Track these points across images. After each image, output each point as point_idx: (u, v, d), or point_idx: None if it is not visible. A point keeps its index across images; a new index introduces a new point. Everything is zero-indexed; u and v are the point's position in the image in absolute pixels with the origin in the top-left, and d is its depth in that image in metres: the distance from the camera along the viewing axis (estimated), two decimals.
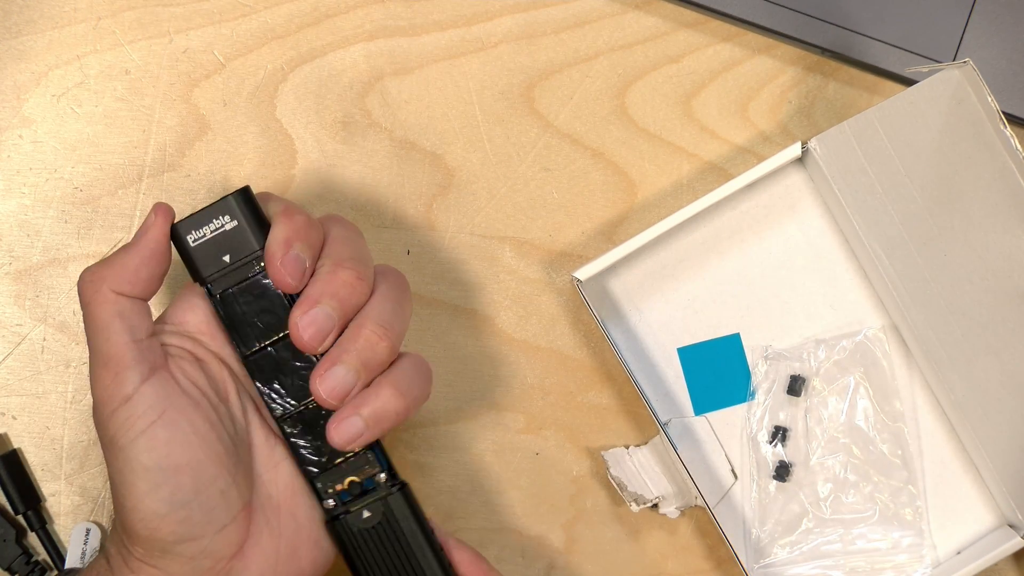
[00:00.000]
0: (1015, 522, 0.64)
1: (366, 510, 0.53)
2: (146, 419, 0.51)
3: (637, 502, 0.63)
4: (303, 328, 0.51)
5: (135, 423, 0.51)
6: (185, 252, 0.53)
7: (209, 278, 0.53)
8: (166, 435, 0.51)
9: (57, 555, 0.62)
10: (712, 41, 0.67)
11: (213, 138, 0.65)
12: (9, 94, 0.64)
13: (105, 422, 0.51)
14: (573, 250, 0.66)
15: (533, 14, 0.66)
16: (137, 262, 0.52)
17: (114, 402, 0.51)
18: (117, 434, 0.51)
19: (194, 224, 0.53)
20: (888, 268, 0.64)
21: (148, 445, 0.50)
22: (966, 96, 0.60)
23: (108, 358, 0.51)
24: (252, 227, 0.53)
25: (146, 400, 0.51)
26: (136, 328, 0.52)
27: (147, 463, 0.50)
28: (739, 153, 0.67)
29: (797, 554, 0.65)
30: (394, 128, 0.65)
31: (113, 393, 0.51)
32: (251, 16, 0.65)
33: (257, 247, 0.53)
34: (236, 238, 0.52)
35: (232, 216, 0.52)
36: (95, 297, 0.52)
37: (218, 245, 0.52)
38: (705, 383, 0.65)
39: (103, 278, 0.52)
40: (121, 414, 0.51)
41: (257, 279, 0.52)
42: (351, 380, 0.51)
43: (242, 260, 0.53)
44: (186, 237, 0.53)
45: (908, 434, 0.65)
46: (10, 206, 0.64)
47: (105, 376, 0.51)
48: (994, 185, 0.61)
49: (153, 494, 0.50)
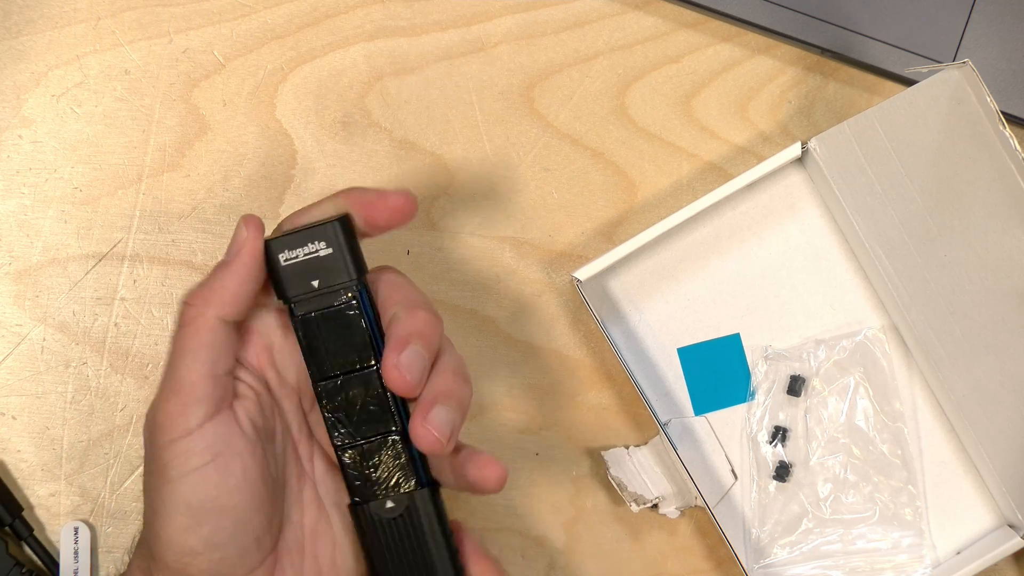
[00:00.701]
0: (1015, 522, 0.64)
1: (390, 500, 0.53)
2: (202, 458, 0.50)
3: (637, 502, 0.63)
4: (404, 369, 0.50)
5: (190, 460, 0.50)
6: (273, 270, 0.52)
7: (294, 298, 0.52)
8: (217, 478, 0.50)
9: (50, 560, 0.62)
10: (712, 41, 0.67)
11: (213, 138, 0.65)
12: (9, 94, 0.64)
13: (159, 449, 0.50)
14: (573, 250, 0.66)
15: (533, 14, 0.66)
16: (236, 284, 0.51)
17: (174, 432, 0.50)
18: (169, 465, 0.50)
19: (288, 244, 0.52)
20: (888, 268, 0.64)
21: (198, 484, 0.50)
22: (966, 96, 0.60)
23: (181, 385, 0.50)
24: (346, 257, 0.52)
25: (206, 439, 0.50)
26: (218, 362, 0.51)
27: (192, 501, 0.50)
28: (739, 153, 0.67)
29: (797, 554, 0.65)
30: (394, 128, 0.65)
31: (176, 423, 0.50)
32: (251, 16, 0.65)
33: (347, 278, 0.52)
34: (328, 265, 0.52)
35: (328, 243, 0.52)
36: (196, 321, 0.51)
37: (309, 268, 0.52)
38: (705, 383, 0.65)
39: (208, 303, 0.51)
40: (179, 446, 0.50)
41: (342, 309, 0.52)
42: (456, 421, 0.51)
43: (331, 288, 0.52)
44: (278, 256, 0.52)
45: (908, 434, 0.65)
46: (10, 206, 0.64)
47: (173, 403, 0.50)
48: (994, 185, 0.61)
49: (192, 531, 0.50)
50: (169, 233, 0.64)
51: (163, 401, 0.50)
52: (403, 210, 0.52)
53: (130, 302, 0.64)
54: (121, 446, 0.63)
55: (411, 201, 0.53)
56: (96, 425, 0.63)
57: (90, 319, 0.63)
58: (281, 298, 0.53)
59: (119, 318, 0.63)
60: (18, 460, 0.63)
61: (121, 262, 0.64)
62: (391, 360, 0.51)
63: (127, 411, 0.63)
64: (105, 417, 0.63)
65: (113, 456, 0.63)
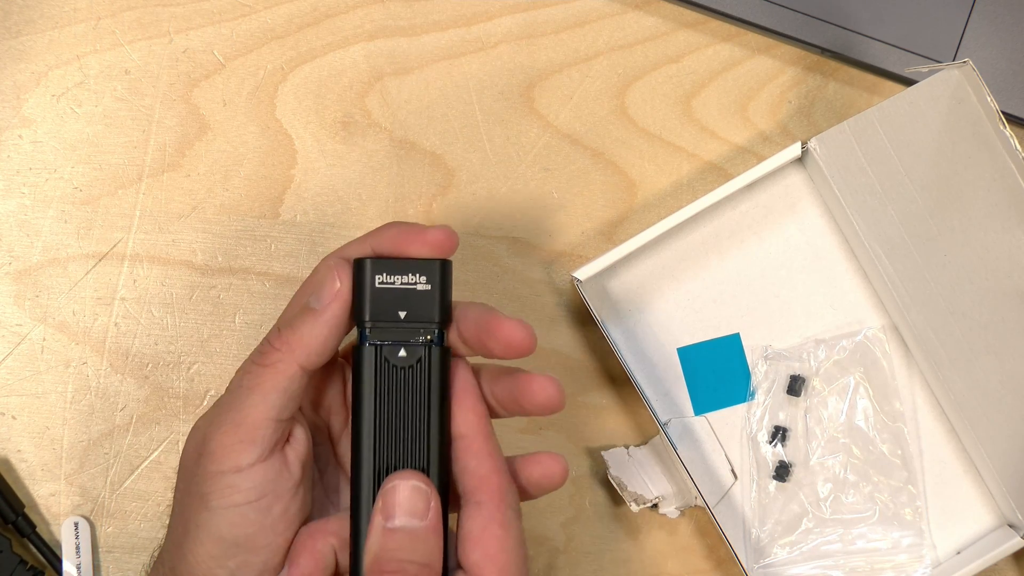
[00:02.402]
0: (1015, 522, 0.64)
1: (404, 349, 0.51)
2: (245, 496, 0.49)
3: (637, 502, 0.63)
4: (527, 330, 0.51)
5: (234, 496, 0.49)
6: (362, 289, 0.51)
7: (372, 322, 0.51)
8: (256, 518, 0.50)
9: (53, 555, 0.62)
10: (712, 41, 0.67)
11: (213, 138, 0.65)
12: (9, 94, 0.64)
13: (205, 476, 0.50)
14: (573, 250, 0.66)
15: (533, 14, 0.66)
16: (325, 335, 0.50)
17: (225, 464, 0.49)
18: (211, 495, 0.49)
19: (389, 268, 0.51)
20: (888, 268, 0.64)
21: (236, 520, 0.49)
22: (966, 96, 0.60)
23: (244, 422, 0.49)
24: (442, 299, 0.51)
25: (255, 478, 0.49)
26: (286, 407, 0.50)
27: (227, 535, 0.49)
28: (739, 153, 0.67)
29: (797, 554, 0.65)
30: (394, 128, 0.65)
31: (230, 457, 0.49)
32: (251, 16, 0.65)
33: (435, 319, 0.51)
34: (421, 301, 0.51)
35: (429, 280, 0.51)
36: (277, 365, 0.50)
37: (399, 298, 0.51)
38: (705, 383, 0.65)
39: (294, 350, 0.50)
40: (226, 480, 0.49)
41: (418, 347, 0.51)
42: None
43: (414, 324, 0.51)
44: (374, 276, 0.51)
45: (908, 434, 0.65)
46: (10, 206, 0.64)
47: (231, 436, 0.49)
48: (994, 185, 0.61)
49: (219, 561, 0.49)
50: (169, 233, 0.64)
51: (221, 431, 0.50)
52: (442, 244, 0.51)
53: (130, 302, 0.64)
54: (121, 446, 0.63)
55: (450, 236, 0.51)
56: (96, 425, 0.63)
57: (90, 319, 0.63)
58: (358, 320, 0.51)
59: (119, 318, 0.64)
60: (18, 460, 0.63)
61: (121, 262, 0.64)
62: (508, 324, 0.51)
63: (127, 411, 0.63)
64: (105, 417, 0.63)
65: (113, 456, 0.63)
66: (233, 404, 0.50)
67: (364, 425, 0.51)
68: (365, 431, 0.51)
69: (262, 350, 0.50)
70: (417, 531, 0.49)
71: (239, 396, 0.50)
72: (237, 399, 0.50)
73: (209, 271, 0.64)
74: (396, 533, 0.49)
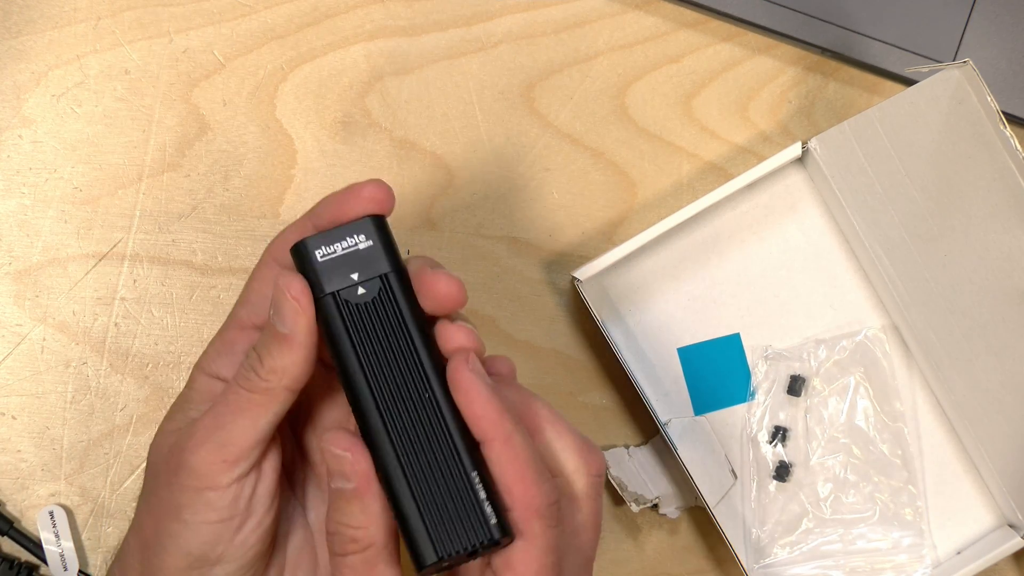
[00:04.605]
0: (1015, 522, 0.64)
1: (361, 287, 0.50)
2: (220, 515, 0.49)
3: (637, 502, 0.63)
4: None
5: (209, 514, 0.49)
6: (309, 269, 0.50)
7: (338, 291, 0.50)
8: (229, 535, 0.49)
9: (38, 549, 0.62)
10: (712, 41, 0.67)
11: (213, 138, 0.65)
12: (9, 94, 0.64)
13: (180, 489, 0.49)
14: (573, 250, 0.66)
15: (533, 14, 0.66)
16: (304, 356, 0.49)
17: (204, 482, 0.49)
18: (185, 508, 0.49)
19: (324, 240, 0.50)
20: (888, 268, 0.64)
21: (208, 536, 0.49)
22: (966, 96, 0.60)
23: (231, 443, 0.49)
24: (387, 248, 0.50)
25: (232, 495, 0.49)
26: (270, 427, 0.50)
27: (196, 551, 0.49)
28: (739, 153, 0.67)
29: (797, 554, 0.65)
30: (394, 128, 0.65)
31: (210, 475, 0.49)
32: (251, 16, 0.65)
33: (387, 268, 0.50)
34: (368, 257, 0.50)
35: (368, 236, 0.50)
36: (267, 393, 0.49)
37: (346, 263, 0.50)
38: (705, 383, 0.65)
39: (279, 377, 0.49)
40: (203, 497, 0.49)
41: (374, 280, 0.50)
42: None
43: (369, 279, 0.50)
44: (314, 252, 0.50)
45: (908, 434, 0.65)
46: (10, 206, 0.64)
47: (214, 454, 0.49)
48: (994, 185, 0.61)
49: (186, 573, 0.49)
50: (169, 233, 0.64)
51: (204, 448, 0.49)
52: (375, 197, 0.50)
53: (130, 302, 0.64)
54: (121, 446, 0.63)
55: (380, 186, 0.50)
56: (96, 425, 0.63)
57: (90, 319, 0.63)
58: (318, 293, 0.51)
59: (119, 318, 0.64)
60: (18, 460, 0.63)
61: (121, 262, 0.64)
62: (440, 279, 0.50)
63: (127, 411, 0.63)
64: (105, 417, 0.63)
65: (113, 456, 0.63)
66: (219, 422, 0.49)
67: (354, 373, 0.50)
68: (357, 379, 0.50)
69: (247, 376, 0.50)
70: (345, 493, 0.49)
71: (224, 415, 0.49)
72: (222, 418, 0.49)
73: (209, 271, 0.64)
74: (334, 494, 0.49)
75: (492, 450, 0.48)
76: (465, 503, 0.48)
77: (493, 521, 0.48)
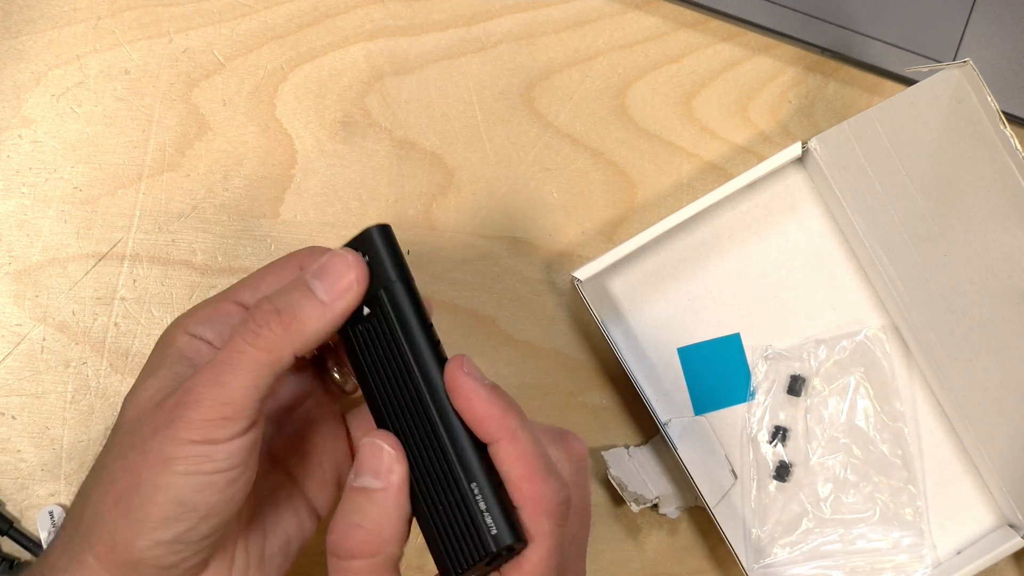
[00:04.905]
0: (1015, 522, 0.64)
1: (366, 307, 0.50)
2: (217, 467, 0.48)
3: (637, 502, 0.63)
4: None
5: (204, 465, 0.48)
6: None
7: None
8: (223, 487, 0.49)
9: (37, 548, 0.62)
10: (712, 41, 0.67)
11: (213, 138, 0.65)
12: (9, 94, 0.64)
13: (174, 441, 0.48)
14: (573, 250, 0.66)
15: (533, 14, 0.66)
16: (329, 329, 0.49)
17: (201, 435, 0.48)
18: (177, 461, 0.48)
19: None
20: (888, 268, 0.64)
21: (201, 487, 0.48)
22: (966, 96, 0.60)
23: (231, 401, 0.48)
24: (392, 259, 0.50)
25: (229, 450, 0.48)
26: (265, 388, 0.49)
27: (187, 500, 0.48)
28: (739, 153, 0.67)
29: (797, 554, 0.65)
30: (394, 128, 0.65)
31: (208, 430, 0.48)
32: (251, 16, 0.65)
33: (392, 278, 0.50)
34: (375, 272, 0.50)
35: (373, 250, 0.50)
36: (273, 350, 0.48)
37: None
38: (705, 383, 0.65)
39: (291, 336, 0.48)
40: (199, 449, 0.48)
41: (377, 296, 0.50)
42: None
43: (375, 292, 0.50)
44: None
45: (908, 434, 0.65)
46: (10, 206, 0.64)
47: (214, 411, 0.48)
48: (994, 185, 0.61)
49: (169, 525, 0.48)
50: (169, 233, 0.64)
51: (203, 405, 0.48)
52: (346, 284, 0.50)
53: (130, 302, 0.64)
54: None
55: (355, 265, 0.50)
56: (96, 425, 0.63)
57: (90, 319, 0.63)
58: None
59: (119, 318, 0.63)
60: (18, 460, 0.63)
61: (121, 262, 0.64)
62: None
63: None
64: (105, 417, 0.63)
65: None
66: (218, 379, 0.49)
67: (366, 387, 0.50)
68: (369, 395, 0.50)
69: (255, 331, 0.49)
70: (372, 493, 0.48)
71: (224, 372, 0.49)
72: (219, 375, 0.49)
73: (209, 271, 0.64)
74: (356, 492, 0.48)
75: (500, 449, 0.48)
76: (476, 513, 0.48)
77: (506, 529, 0.48)
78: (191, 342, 0.52)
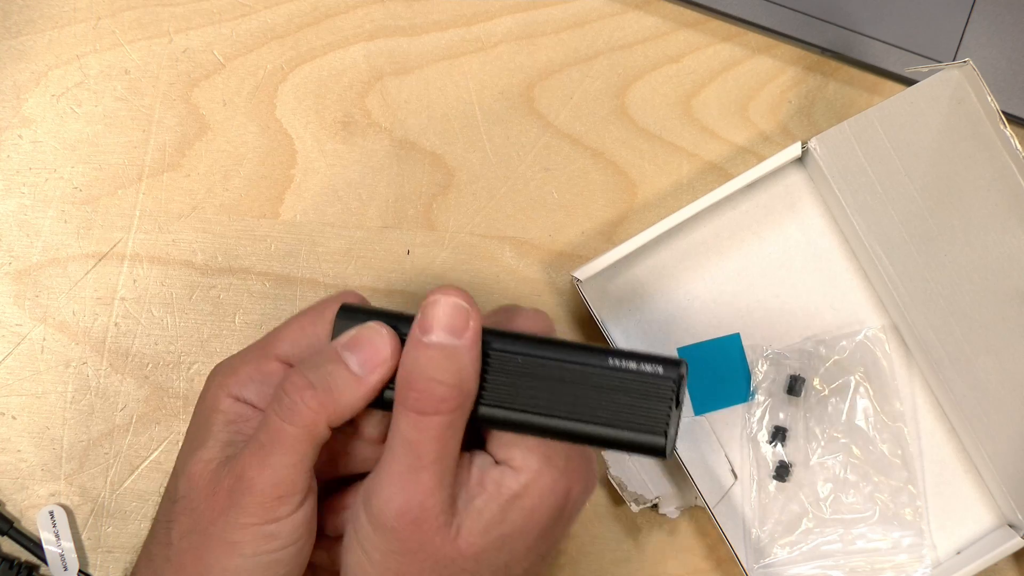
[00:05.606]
0: (1015, 522, 0.64)
1: None
2: (283, 543, 0.48)
3: (637, 502, 0.63)
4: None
5: (270, 544, 0.48)
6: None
7: None
8: (292, 560, 0.49)
9: (37, 548, 0.62)
10: (712, 41, 0.67)
11: (213, 138, 0.65)
12: (9, 94, 0.64)
13: (236, 526, 0.48)
14: (573, 250, 0.66)
15: (533, 14, 0.66)
16: (363, 403, 0.49)
17: (263, 518, 0.48)
18: (245, 544, 0.48)
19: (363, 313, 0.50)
20: (888, 268, 0.64)
21: (271, 565, 0.48)
22: (966, 96, 0.60)
23: (282, 482, 0.48)
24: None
25: (293, 524, 0.48)
26: (311, 460, 0.49)
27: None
28: (739, 153, 0.67)
29: (797, 554, 0.65)
30: (394, 128, 0.65)
31: (267, 511, 0.48)
32: (251, 16, 0.65)
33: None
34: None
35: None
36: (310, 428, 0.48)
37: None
38: (705, 383, 0.65)
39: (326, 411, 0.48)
40: (264, 530, 0.48)
41: None
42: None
43: None
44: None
45: (908, 434, 0.65)
46: (10, 206, 0.64)
47: (268, 494, 0.48)
48: (994, 185, 0.61)
49: None
50: (169, 233, 0.64)
51: (257, 489, 0.48)
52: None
53: (130, 302, 0.64)
54: (121, 446, 0.63)
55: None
56: (96, 425, 0.63)
57: (90, 319, 0.63)
58: None
59: (119, 318, 0.64)
60: (18, 460, 0.63)
61: (121, 262, 0.64)
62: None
63: (127, 411, 0.63)
64: (105, 417, 0.63)
65: (113, 456, 0.63)
66: (264, 461, 0.48)
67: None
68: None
69: (291, 407, 0.48)
70: (452, 349, 0.47)
71: (269, 454, 0.48)
72: (268, 456, 0.48)
73: (209, 271, 0.64)
74: (430, 349, 0.47)
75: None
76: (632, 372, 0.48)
77: (661, 367, 0.48)
78: (235, 405, 0.51)
